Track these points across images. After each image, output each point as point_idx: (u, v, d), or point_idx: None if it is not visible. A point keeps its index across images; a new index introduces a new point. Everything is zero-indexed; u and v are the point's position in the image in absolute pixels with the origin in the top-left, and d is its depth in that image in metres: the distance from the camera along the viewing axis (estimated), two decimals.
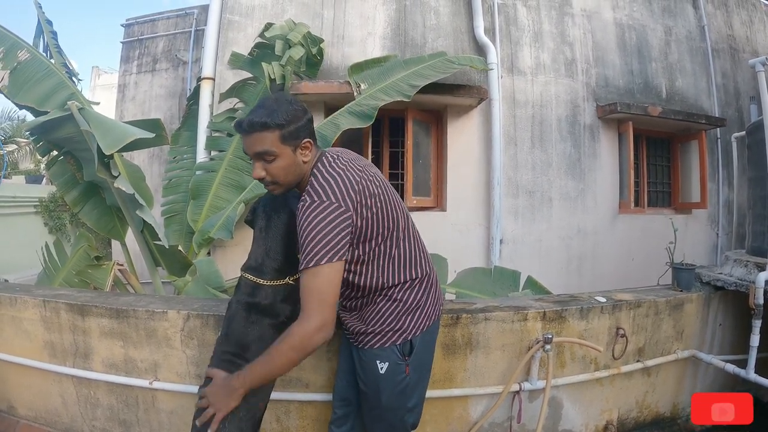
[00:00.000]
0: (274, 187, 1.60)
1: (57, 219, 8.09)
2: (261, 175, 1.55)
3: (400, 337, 1.65)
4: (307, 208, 1.46)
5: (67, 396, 2.54)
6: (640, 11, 5.96)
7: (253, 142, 1.52)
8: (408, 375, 1.69)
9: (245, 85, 4.55)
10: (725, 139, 6.14)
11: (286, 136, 1.51)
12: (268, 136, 1.50)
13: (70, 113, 3.13)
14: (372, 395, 1.71)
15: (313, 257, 1.42)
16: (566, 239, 5.39)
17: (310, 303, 1.43)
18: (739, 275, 2.93)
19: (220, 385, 1.56)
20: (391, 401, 1.70)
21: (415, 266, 1.70)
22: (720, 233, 6.19)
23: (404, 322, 1.66)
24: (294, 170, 1.57)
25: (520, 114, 5.31)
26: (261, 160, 1.53)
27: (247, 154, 1.57)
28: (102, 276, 3.69)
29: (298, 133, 1.54)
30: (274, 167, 1.54)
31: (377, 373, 1.66)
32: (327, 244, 1.43)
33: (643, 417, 2.84)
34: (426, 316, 1.70)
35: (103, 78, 15.45)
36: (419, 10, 5.28)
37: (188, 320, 2.27)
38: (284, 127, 1.51)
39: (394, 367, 1.66)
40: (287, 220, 1.71)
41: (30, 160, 13.91)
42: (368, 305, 1.68)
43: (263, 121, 1.49)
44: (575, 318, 2.48)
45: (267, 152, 1.51)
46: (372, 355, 1.67)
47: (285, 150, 1.52)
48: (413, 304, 1.68)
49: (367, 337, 1.67)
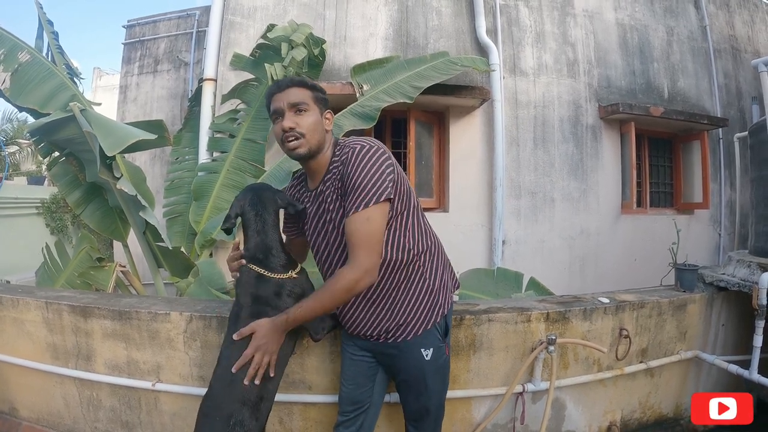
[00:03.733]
0: (299, 143, 1.61)
1: (59, 220, 8.10)
2: (291, 126, 1.59)
3: (438, 314, 1.71)
4: (359, 153, 1.54)
5: (69, 398, 2.54)
6: (641, 12, 5.96)
7: (288, 94, 1.61)
8: (447, 354, 1.78)
9: (247, 86, 4.55)
10: (727, 140, 6.14)
11: (317, 98, 1.66)
12: (304, 92, 1.63)
13: (72, 114, 3.13)
14: (418, 384, 1.74)
15: (362, 200, 1.50)
16: (569, 240, 5.38)
17: (359, 248, 1.50)
18: (742, 276, 2.92)
19: (267, 328, 1.60)
20: (437, 384, 1.76)
21: (431, 236, 1.77)
22: (722, 233, 6.18)
23: (437, 299, 1.72)
24: (320, 131, 1.65)
25: (522, 115, 5.30)
26: (294, 110, 1.61)
27: (276, 113, 1.64)
28: (104, 277, 3.68)
29: (323, 101, 1.69)
30: (304, 119, 1.61)
31: (423, 360, 1.70)
32: (375, 184, 1.51)
33: (646, 418, 2.83)
34: (450, 293, 1.80)
35: (105, 79, 15.47)
36: (421, 11, 5.28)
37: (191, 322, 2.26)
38: (315, 90, 1.67)
39: (437, 350, 1.72)
40: (276, 214, 1.77)
41: (31, 161, 13.92)
42: (399, 289, 1.68)
43: (301, 79, 1.67)
44: (578, 319, 2.47)
45: (302, 102, 1.61)
46: (415, 343, 1.69)
47: (315, 108, 1.64)
48: (441, 282, 1.75)
49: (408, 327, 1.69)
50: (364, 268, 1.50)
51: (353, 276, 1.50)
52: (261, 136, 4.38)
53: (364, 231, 1.50)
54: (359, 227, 1.50)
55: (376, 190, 1.50)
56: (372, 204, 1.49)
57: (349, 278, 1.51)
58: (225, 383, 1.59)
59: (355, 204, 1.50)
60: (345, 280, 1.51)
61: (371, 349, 1.81)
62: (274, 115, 1.65)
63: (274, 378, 1.67)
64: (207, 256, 4.13)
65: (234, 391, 1.58)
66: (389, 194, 1.52)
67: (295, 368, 2.20)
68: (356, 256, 1.50)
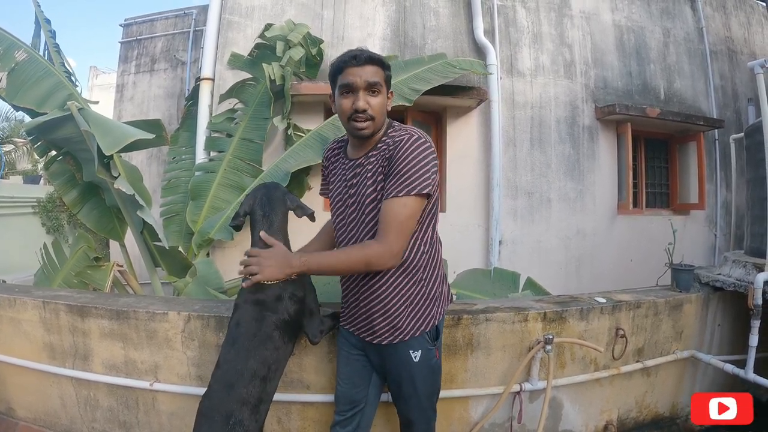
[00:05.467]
0: (367, 125, 1.61)
1: (55, 219, 8.06)
2: (365, 106, 1.59)
3: (428, 324, 1.71)
4: (414, 142, 1.56)
5: (66, 397, 2.53)
6: (638, 13, 5.98)
7: (366, 72, 1.59)
8: (437, 358, 1.78)
9: (244, 86, 4.54)
10: (723, 141, 6.16)
11: (387, 78, 1.65)
12: (381, 72, 1.62)
13: (70, 113, 3.12)
14: (408, 385, 1.75)
15: (406, 186, 1.51)
16: (565, 240, 5.39)
17: (392, 230, 1.52)
18: (738, 276, 2.94)
19: (280, 253, 1.59)
20: (426, 386, 1.76)
21: (437, 246, 1.77)
22: (718, 234, 6.21)
23: (431, 310, 1.72)
24: (384, 112, 1.66)
25: (519, 115, 5.32)
26: (368, 90, 1.59)
27: (348, 87, 1.59)
28: (101, 277, 3.67)
29: (390, 82, 1.68)
30: (376, 101, 1.61)
31: (411, 362, 1.71)
32: (422, 176, 1.52)
33: (642, 417, 2.85)
34: (444, 303, 1.81)
35: (101, 78, 15.43)
36: (419, 11, 5.28)
37: (189, 321, 2.26)
38: (387, 70, 1.66)
39: (426, 353, 1.72)
40: (283, 216, 1.77)
41: (27, 160, 13.85)
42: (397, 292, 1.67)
43: (381, 59, 1.63)
44: (575, 319, 2.48)
45: (378, 83, 1.60)
46: (403, 346, 1.70)
47: (384, 89, 1.64)
48: (438, 293, 1.75)
49: (397, 331, 1.69)
50: (392, 248, 1.52)
51: (379, 251, 1.52)
52: (258, 135, 4.38)
53: (400, 214, 1.52)
54: (396, 210, 1.52)
55: (421, 182, 1.51)
56: (413, 193, 1.51)
57: (374, 251, 1.52)
58: (224, 384, 1.60)
59: (398, 188, 1.52)
60: (370, 251, 1.53)
61: (363, 348, 1.83)
62: (344, 88, 1.61)
63: (273, 379, 1.67)
64: (204, 255, 4.12)
65: (233, 391, 1.58)
66: (430, 190, 1.54)
67: (293, 368, 2.21)
68: (387, 235, 1.52)
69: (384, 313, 1.69)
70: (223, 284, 3.47)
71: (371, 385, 1.89)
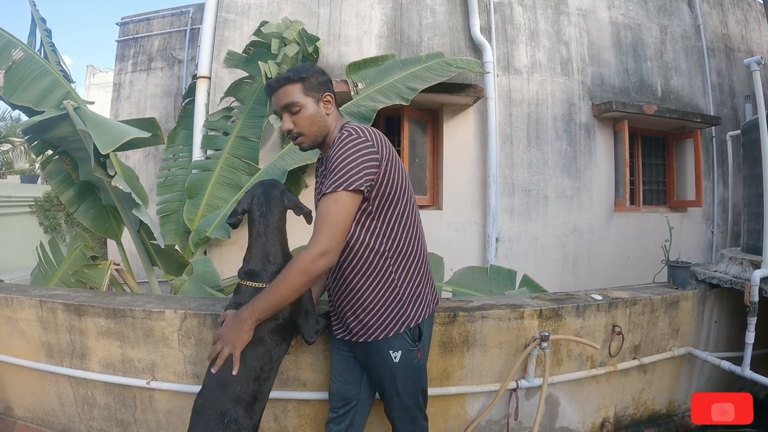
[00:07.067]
0: (302, 140, 1.71)
1: (52, 218, 8.07)
2: (290, 127, 1.69)
3: (403, 325, 1.68)
4: (342, 140, 1.57)
5: (64, 396, 2.53)
6: (635, 10, 5.98)
7: (279, 96, 1.68)
8: (420, 359, 1.76)
9: (241, 84, 4.54)
10: (720, 138, 6.17)
11: (308, 87, 1.67)
12: (292, 89, 1.66)
13: (66, 113, 3.11)
14: (389, 385, 1.75)
15: (334, 183, 1.51)
16: (562, 237, 5.40)
17: (321, 229, 1.51)
18: (735, 273, 2.94)
19: (230, 320, 1.60)
20: (407, 386, 1.75)
21: (412, 243, 1.74)
22: (715, 231, 6.23)
23: (405, 310, 1.69)
24: (318, 121, 1.70)
25: (516, 112, 5.32)
26: (288, 112, 1.68)
27: (277, 113, 1.72)
28: (98, 276, 3.66)
29: (318, 86, 1.70)
30: (300, 118, 1.67)
31: (392, 362, 1.70)
32: (349, 172, 1.51)
33: (639, 414, 2.86)
34: (426, 304, 1.77)
35: (98, 77, 15.40)
36: (415, 9, 5.28)
37: (185, 320, 2.26)
38: (305, 80, 1.67)
39: (407, 353, 1.71)
40: (280, 215, 1.76)
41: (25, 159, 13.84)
42: (363, 289, 1.68)
43: (286, 76, 1.68)
44: (572, 316, 2.49)
45: (293, 103, 1.66)
46: (382, 345, 1.70)
47: (308, 101, 1.67)
48: (412, 293, 1.72)
49: (370, 330, 1.69)
50: (322, 248, 1.48)
51: (309, 256, 1.49)
52: (255, 133, 4.37)
53: (329, 212, 1.51)
54: (325, 208, 1.52)
55: (349, 177, 1.50)
56: (340, 189, 1.50)
57: (304, 259, 1.49)
58: (219, 382, 1.59)
59: (327, 185, 1.52)
60: (301, 261, 1.50)
61: (348, 346, 1.85)
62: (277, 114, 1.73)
63: (268, 379, 1.67)
64: (201, 254, 4.12)
65: (228, 390, 1.58)
66: (360, 185, 1.52)
67: (289, 366, 2.21)
68: (316, 235, 1.51)
69: (354, 312, 1.72)
70: (220, 282, 3.47)
71: (363, 382, 1.90)
